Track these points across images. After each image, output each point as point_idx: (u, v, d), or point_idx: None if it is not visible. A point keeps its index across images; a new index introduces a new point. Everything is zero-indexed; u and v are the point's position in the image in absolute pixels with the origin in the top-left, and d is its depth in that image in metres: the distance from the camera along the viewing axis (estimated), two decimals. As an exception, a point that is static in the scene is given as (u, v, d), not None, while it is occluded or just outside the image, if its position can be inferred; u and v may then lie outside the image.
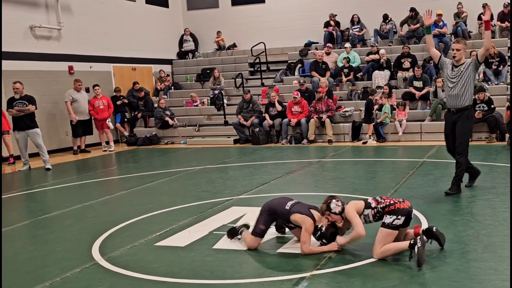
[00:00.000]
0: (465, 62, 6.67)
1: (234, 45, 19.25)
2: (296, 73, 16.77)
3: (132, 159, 12.72)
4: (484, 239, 4.99)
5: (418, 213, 5.94)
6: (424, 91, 13.78)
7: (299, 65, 16.87)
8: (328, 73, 15.35)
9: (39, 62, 13.96)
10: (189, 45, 19.45)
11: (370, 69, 15.41)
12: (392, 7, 17.05)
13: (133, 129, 16.15)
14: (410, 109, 13.87)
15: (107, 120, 14.38)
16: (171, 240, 5.48)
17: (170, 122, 15.70)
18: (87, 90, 14.82)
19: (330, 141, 13.32)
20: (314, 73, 15.40)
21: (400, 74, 14.93)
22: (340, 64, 15.87)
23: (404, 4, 16.57)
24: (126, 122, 16.13)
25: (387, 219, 4.52)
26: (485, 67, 14.16)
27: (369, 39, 17.24)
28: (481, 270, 4.21)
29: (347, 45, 16.16)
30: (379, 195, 4.89)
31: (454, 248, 4.74)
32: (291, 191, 7.36)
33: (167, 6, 19.16)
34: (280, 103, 14.43)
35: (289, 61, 17.48)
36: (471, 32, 16.08)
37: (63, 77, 14.63)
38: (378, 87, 14.46)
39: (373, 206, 4.62)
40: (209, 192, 7.88)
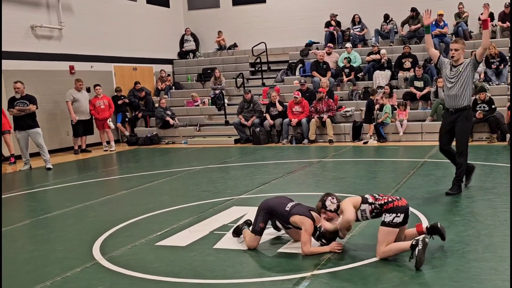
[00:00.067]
0: (463, 62, 6.66)
1: (235, 45, 19.26)
2: (297, 73, 16.77)
3: (133, 159, 12.73)
4: (485, 239, 4.99)
5: (419, 213, 5.95)
6: (425, 91, 13.78)
7: (300, 65, 16.87)
8: (329, 73, 15.34)
9: (40, 62, 13.98)
10: (190, 45, 19.46)
11: (371, 69, 15.41)
12: (393, 7, 17.06)
13: (134, 129, 16.16)
14: (411, 109, 13.87)
15: (108, 120, 14.39)
16: (171, 240, 5.48)
17: (171, 122, 15.70)
18: (88, 89, 14.83)
19: (331, 141, 13.32)
20: (315, 73, 15.39)
21: (401, 74, 14.92)
22: (341, 64, 15.87)
23: (405, 4, 16.57)
24: (127, 122, 16.15)
25: (387, 217, 4.51)
26: (486, 67, 14.16)
27: (370, 39, 17.24)
28: (482, 270, 4.21)
29: (348, 45, 16.16)
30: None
31: (455, 248, 4.74)
32: (292, 191, 7.36)
33: (168, 6, 19.17)
34: (281, 103, 14.43)
35: (290, 61, 17.48)
36: (472, 32, 16.07)
37: (64, 76, 14.65)
38: (379, 87, 14.45)
39: (370, 202, 4.61)
40: (210, 192, 7.88)
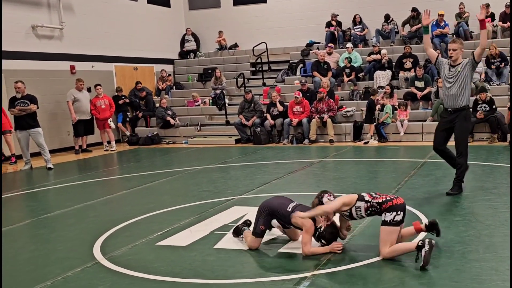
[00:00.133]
0: (462, 62, 6.67)
1: (235, 45, 19.26)
2: (298, 73, 16.77)
3: (133, 159, 12.73)
4: (486, 239, 4.99)
5: (419, 213, 5.95)
6: (425, 91, 13.77)
7: (301, 65, 16.87)
8: (330, 73, 15.33)
9: (41, 62, 13.99)
10: (190, 44, 19.46)
11: (372, 69, 15.41)
12: (394, 7, 17.05)
13: (135, 129, 16.17)
14: (412, 109, 13.86)
15: (109, 119, 14.39)
16: (172, 240, 5.48)
17: (172, 121, 15.70)
18: (89, 89, 14.83)
19: (331, 141, 13.31)
20: (315, 73, 15.39)
21: (402, 74, 14.91)
22: (341, 64, 15.86)
23: (405, 4, 16.57)
24: (128, 121, 16.15)
25: (387, 216, 4.50)
26: (486, 67, 14.15)
27: (371, 39, 17.24)
28: (483, 271, 4.21)
29: (349, 45, 16.16)
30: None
31: (455, 249, 4.74)
32: (293, 191, 7.36)
33: (169, 6, 19.17)
34: (282, 103, 14.43)
35: (290, 61, 17.48)
36: (473, 33, 16.05)
37: (65, 76, 14.65)
38: (380, 87, 14.45)
39: (366, 199, 4.59)
40: (211, 192, 7.88)
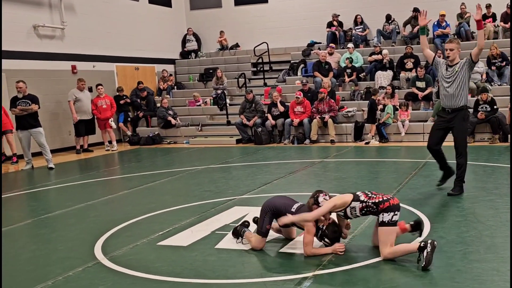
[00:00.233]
0: (459, 62, 6.67)
1: (237, 45, 19.26)
2: (299, 73, 16.77)
3: (134, 159, 12.73)
4: (487, 240, 4.98)
5: (420, 214, 5.94)
6: (427, 92, 13.76)
7: (302, 65, 16.87)
8: (331, 74, 15.33)
9: (42, 62, 14.00)
10: (192, 44, 19.46)
11: (373, 69, 15.41)
12: (395, 7, 17.05)
13: (136, 129, 16.18)
14: (413, 109, 13.86)
15: (110, 119, 14.40)
16: (173, 240, 5.48)
17: (173, 121, 15.71)
18: (90, 89, 14.84)
19: (332, 141, 13.31)
20: (316, 73, 15.39)
21: (403, 75, 14.91)
22: (342, 64, 15.86)
23: (407, 5, 16.56)
24: (129, 121, 16.16)
25: (385, 217, 4.50)
26: (488, 67, 14.14)
27: (372, 39, 17.23)
28: (484, 271, 4.20)
29: (350, 45, 16.15)
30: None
31: (456, 249, 4.74)
32: (294, 191, 7.36)
33: (170, 6, 19.18)
34: (283, 103, 14.42)
35: (291, 61, 17.49)
36: (474, 33, 16.00)
37: (66, 76, 14.66)
38: (381, 87, 14.45)
39: (361, 199, 4.59)
40: (212, 192, 7.88)
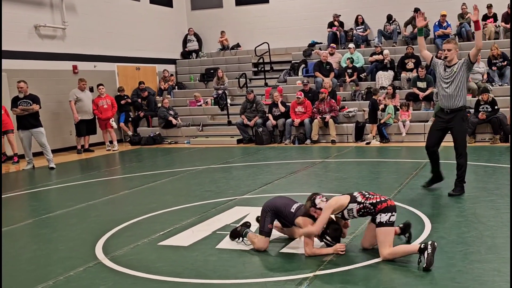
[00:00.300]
0: (457, 62, 6.68)
1: (238, 45, 19.27)
2: (300, 73, 16.77)
3: (135, 159, 12.74)
4: (488, 240, 4.98)
5: (421, 214, 5.95)
6: (427, 92, 13.75)
7: (303, 65, 16.87)
8: (332, 74, 15.33)
9: (43, 62, 14.01)
10: (193, 45, 19.47)
11: (374, 69, 15.40)
12: (396, 7, 17.04)
13: (137, 129, 16.18)
14: (414, 109, 13.85)
15: (111, 119, 14.41)
16: (174, 240, 5.49)
17: (174, 121, 15.71)
18: (91, 89, 14.85)
19: (333, 142, 13.31)
20: (317, 73, 15.39)
21: (404, 75, 14.91)
22: (343, 64, 15.86)
23: (408, 5, 16.55)
24: (130, 121, 16.16)
25: (383, 217, 4.51)
26: (488, 68, 14.14)
27: (373, 40, 17.23)
28: (485, 272, 4.20)
29: (351, 45, 16.16)
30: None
31: (457, 249, 4.74)
32: (295, 191, 7.36)
33: (171, 6, 19.19)
34: (284, 103, 14.41)
35: (292, 61, 17.48)
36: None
37: (67, 76, 14.67)
38: (382, 87, 14.45)
39: (359, 201, 4.60)
40: (213, 192, 7.89)
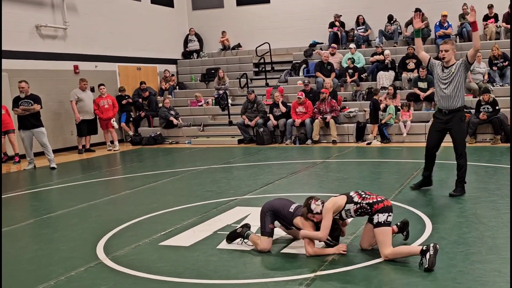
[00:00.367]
0: (455, 63, 6.68)
1: (239, 45, 19.27)
2: (301, 73, 16.77)
3: (136, 159, 12.75)
4: (489, 240, 4.99)
5: (422, 215, 5.95)
6: (428, 92, 13.74)
7: (304, 65, 16.86)
8: (333, 74, 15.33)
9: (44, 62, 14.02)
10: (194, 45, 19.47)
11: (375, 69, 15.40)
12: (397, 7, 17.04)
13: (138, 129, 16.19)
14: (415, 110, 13.85)
15: (112, 119, 14.42)
16: (175, 240, 5.49)
17: (175, 121, 15.72)
18: (92, 89, 14.86)
19: (334, 142, 13.31)
20: (318, 73, 15.39)
21: (405, 75, 14.91)
22: (344, 64, 15.86)
23: (409, 5, 16.53)
24: (131, 121, 16.17)
25: (380, 217, 4.52)
26: (489, 68, 14.14)
27: (374, 40, 17.22)
28: (486, 272, 4.21)
29: (352, 45, 16.16)
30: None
31: (458, 250, 4.74)
32: (296, 192, 7.36)
33: (172, 6, 19.19)
34: (285, 104, 14.42)
35: (293, 62, 17.49)
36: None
37: (68, 76, 14.69)
38: (383, 87, 14.45)
39: (355, 201, 4.62)
40: (214, 192, 7.89)
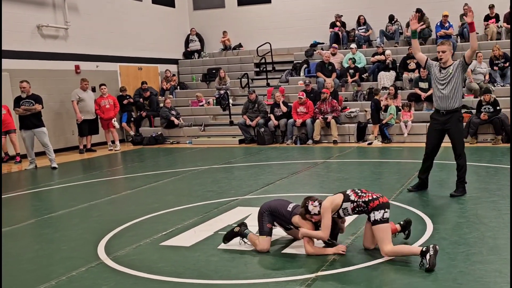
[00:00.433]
0: (452, 64, 6.68)
1: (240, 45, 19.27)
2: (302, 73, 16.76)
3: (137, 159, 12.76)
4: (489, 241, 4.99)
5: (423, 215, 5.95)
6: (429, 92, 13.68)
7: (305, 65, 16.86)
8: (334, 74, 15.33)
9: (46, 61, 14.02)
10: (195, 45, 19.47)
11: (376, 70, 15.40)
12: (398, 7, 17.03)
13: (139, 129, 16.20)
14: (416, 110, 13.84)
15: (113, 119, 14.42)
16: (176, 240, 5.50)
17: (176, 121, 15.73)
18: (94, 89, 14.87)
19: (335, 142, 13.31)
20: (319, 73, 15.39)
21: (406, 75, 14.90)
22: (345, 64, 15.86)
23: (410, 5, 16.53)
24: (132, 121, 16.18)
25: (377, 215, 4.53)
26: (490, 68, 14.13)
27: (375, 40, 17.22)
28: (486, 273, 4.21)
29: (353, 45, 16.16)
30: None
31: (459, 250, 4.74)
32: (297, 192, 7.37)
33: (173, 6, 19.20)
34: (285, 103, 14.42)
35: (294, 62, 17.48)
36: (477, 34, 15.85)
37: (69, 76, 14.69)
38: (384, 88, 14.45)
39: (352, 199, 4.63)
40: (215, 192, 7.90)
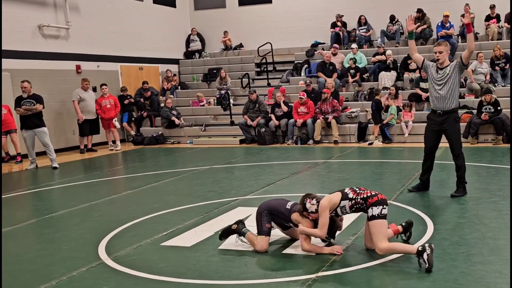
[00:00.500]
0: (450, 64, 6.68)
1: (240, 45, 19.27)
2: (303, 73, 16.77)
3: (138, 159, 12.76)
4: (490, 241, 4.99)
5: (423, 215, 5.95)
6: (430, 93, 13.73)
7: (306, 65, 16.86)
8: (335, 74, 15.32)
9: (47, 61, 14.04)
10: (196, 45, 19.48)
11: (377, 70, 15.39)
12: (399, 8, 17.01)
13: (140, 129, 16.20)
14: (417, 110, 13.82)
15: (114, 119, 14.43)
16: (177, 240, 5.50)
17: (177, 121, 15.73)
18: (94, 89, 14.88)
19: (336, 142, 13.31)
20: (320, 73, 15.38)
21: (407, 75, 14.90)
22: (346, 64, 15.85)
23: (410, 5, 16.51)
24: (133, 121, 16.19)
25: (374, 210, 4.53)
26: (491, 68, 14.13)
27: (376, 40, 17.22)
28: (487, 273, 4.21)
29: (354, 45, 16.16)
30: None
31: (459, 251, 4.74)
32: (297, 192, 7.36)
33: (174, 6, 19.20)
34: (286, 103, 14.42)
35: (295, 62, 17.48)
36: (478, 34, 16.01)
37: (70, 76, 14.70)
38: (385, 88, 14.44)
39: (350, 197, 4.65)
40: (215, 192, 7.90)
